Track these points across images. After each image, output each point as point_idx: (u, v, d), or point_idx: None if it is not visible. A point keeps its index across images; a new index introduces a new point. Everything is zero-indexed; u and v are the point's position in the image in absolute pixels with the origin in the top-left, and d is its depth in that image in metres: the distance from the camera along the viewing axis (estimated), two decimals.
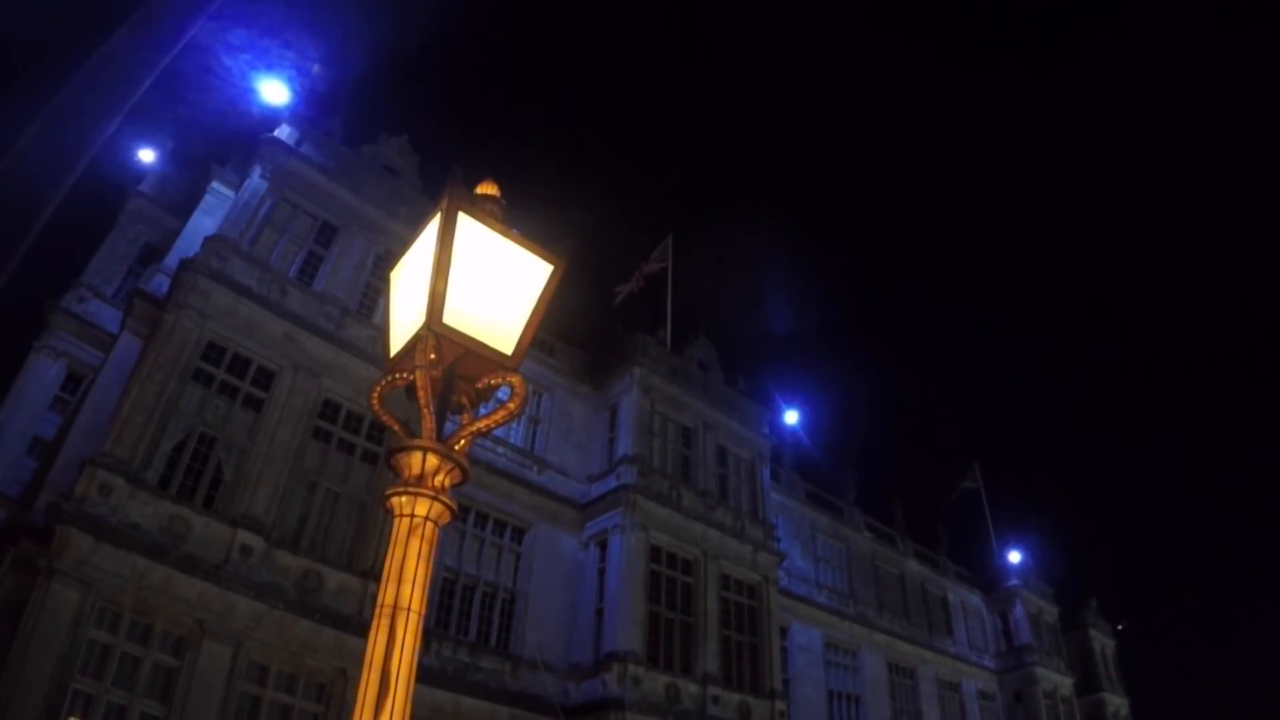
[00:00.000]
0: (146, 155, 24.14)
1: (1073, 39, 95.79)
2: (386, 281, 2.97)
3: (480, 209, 2.75)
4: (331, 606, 15.90)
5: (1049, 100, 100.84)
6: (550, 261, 2.83)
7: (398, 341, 2.70)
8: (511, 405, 2.54)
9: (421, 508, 2.34)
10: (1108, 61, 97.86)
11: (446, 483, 2.42)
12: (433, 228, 2.70)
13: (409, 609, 2.20)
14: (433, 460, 2.38)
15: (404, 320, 2.72)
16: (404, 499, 2.35)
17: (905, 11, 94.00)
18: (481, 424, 2.52)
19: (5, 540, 14.34)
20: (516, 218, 2.88)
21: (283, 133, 19.92)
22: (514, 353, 2.64)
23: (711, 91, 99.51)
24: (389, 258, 2.93)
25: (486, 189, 2.89)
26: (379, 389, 2.61)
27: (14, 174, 1.91)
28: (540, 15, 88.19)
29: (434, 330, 2.46)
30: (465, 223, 2.66)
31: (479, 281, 2.64)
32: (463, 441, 2.48)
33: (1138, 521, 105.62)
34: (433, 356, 2.46)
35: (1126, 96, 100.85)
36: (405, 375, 2.52)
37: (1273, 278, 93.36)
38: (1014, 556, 38.04)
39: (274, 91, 19.50)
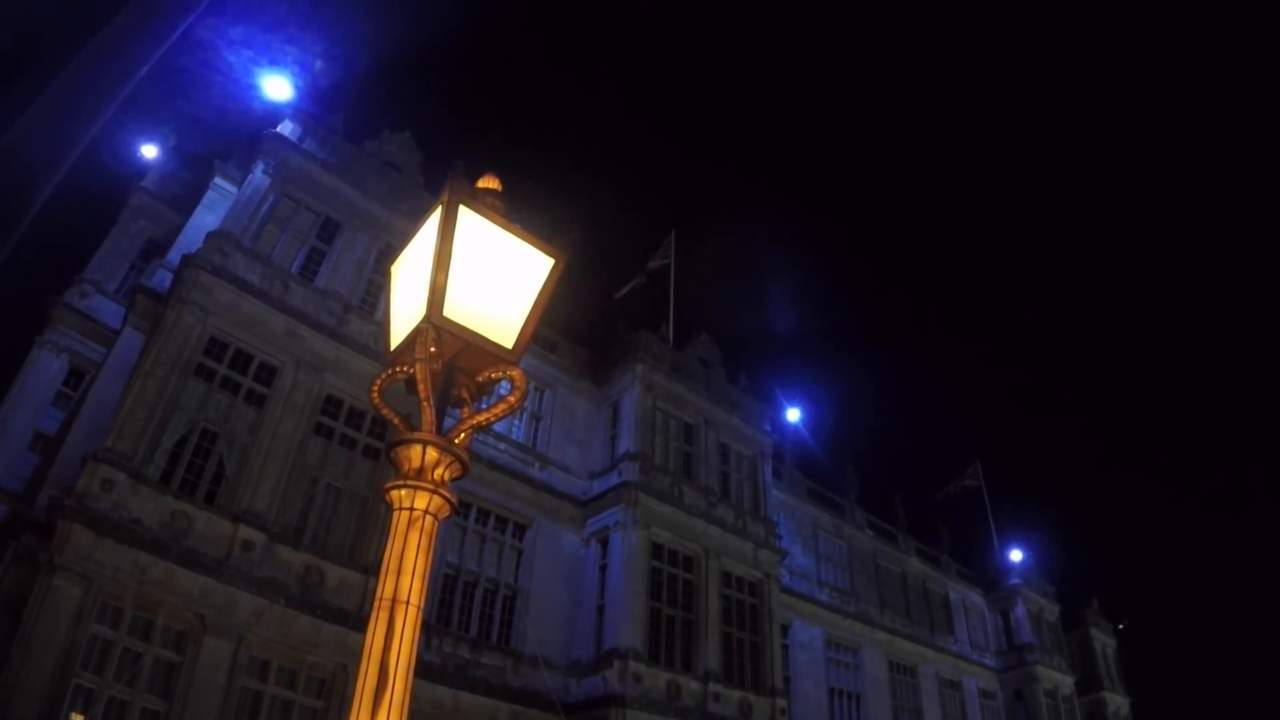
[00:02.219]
0: (149, 151, 24.18)
1: (1086, 34, 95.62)
2: (387, 275, 2.96)
3: (481, 203, 2.73)
4: (333, 602, 15.92)
5: (1055, 99, 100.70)
6: (551, 255, 2.82)
7: (398, 335, 2.69)
8: (512, 399, 2.53)
9: (421, 501, 2.33)
10: (1123, 60, 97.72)
11: (446, 476, 2.41)
12: (433, 221, 2.68)
13: (408, 602, 2.19)
14: (433, 453, 2.37)
15: (404, 313, 2.71)
16: (403, 492, 2.34)
17: (913, 9, 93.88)
18: (481, 417, 2.50)
19: (7, 535, 14.38)
20: (519, 214, 2.87)
21: (285, 128, 19.93)
22: (515, 346, 2.63)
23: (717, 88, 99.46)
24: (391, 254, 2.93)
25: (488, 183, 2.87)
26: (379, 382, 2.59)
27: (6, 164, 1.90)
28: (545, 12, 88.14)
29: (434, 323, 2.45)
30: (466, 216, 2.65)
31: (480, 275, 2.63)
32: (463, 435, 2.47)
33: (1139, 521, 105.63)
34: (433, 350, 2.45)
35: (1138, 96, 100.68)
36: (405, 369, 2.51)
37: (1275, 278, 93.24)
38: (1015, 555, 38.03)
39: (277, 87, 19.56)
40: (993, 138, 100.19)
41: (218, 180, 21.74)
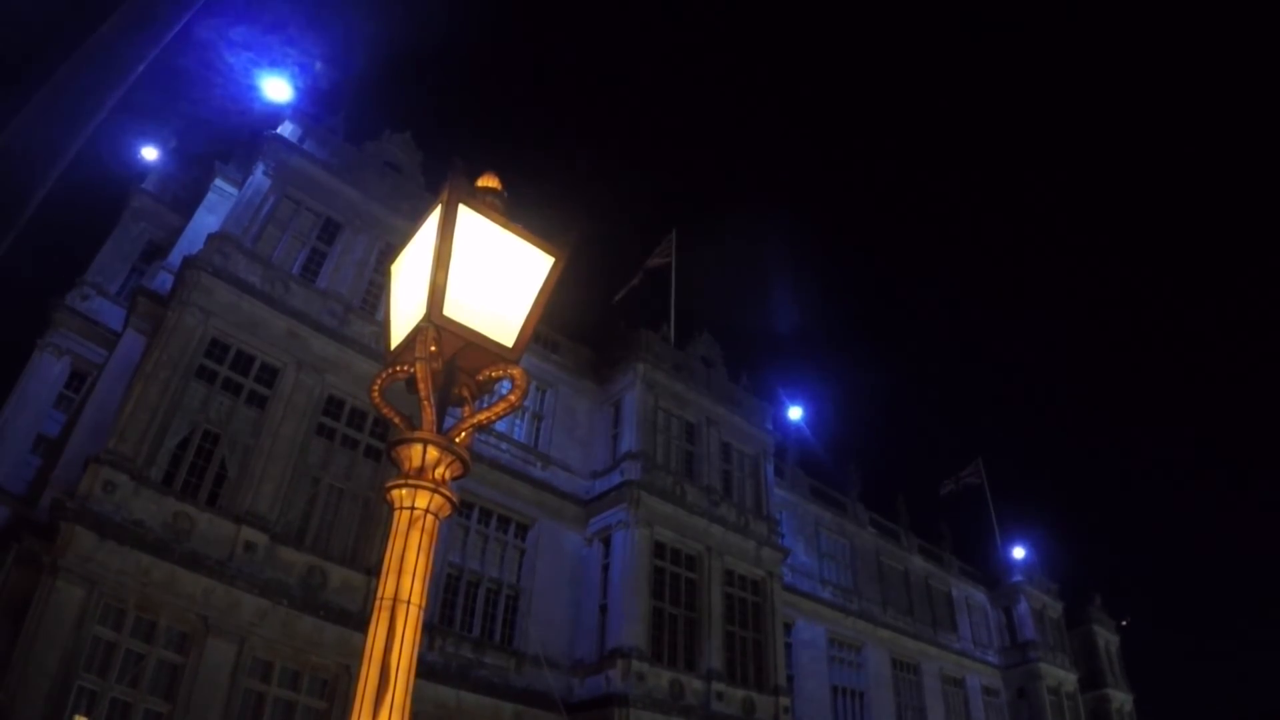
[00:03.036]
0: (150, 153, 24.19)
1: (1086, 35, 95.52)
2: (387, 274, 2.95)
3: (481, 201, 2.72)
4: (335, 603, 15.93)
5: (1055, 98, 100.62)
6: (551, 254, 2.81)
7: (398, 334, 2.68)
8: (512, 398, 2.51)
9: (422, 500, 2.33)
10: (1117, 61, 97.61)
11: (447, 475, 2.40)
12: (433, 220, 2.67)
13: (409, 602, 2.18)
14: (433, 452, 2.36)
15: (404, 313, 2.70)
16: (404, 491, 2.33)
17: (915, 8, 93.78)
18: (482, 416, 2.49)
19: (10, 537, 14.40)
20: (519, 214, 2.86)
21: (286, 130, 19.92)
22: (515, 345, 2.62)
23: (717, 88, 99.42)
24: (391, 254, 2.90)
25: (488, 181, 2.86)
26: (379, 382, 2.59)
27: (2, 163, 1.89)
28: (545, 12, 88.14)
29: (434, 322, 2.44)
30: (466, 215, 2.64)
31: (480, 274, 2.62)
32: (464, 434, 2.46)
33: (1142, 518, 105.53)
34: (433, 349, 2.44)
35: (1142, 95, 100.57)
36: (406, 368, 2.50)
37: (1276, 278, 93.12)
38: (1018, 552, 38.02)
39: (277, 88, 19.58)
40: (996, 137, 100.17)
41: (218, 182, 21.74)
